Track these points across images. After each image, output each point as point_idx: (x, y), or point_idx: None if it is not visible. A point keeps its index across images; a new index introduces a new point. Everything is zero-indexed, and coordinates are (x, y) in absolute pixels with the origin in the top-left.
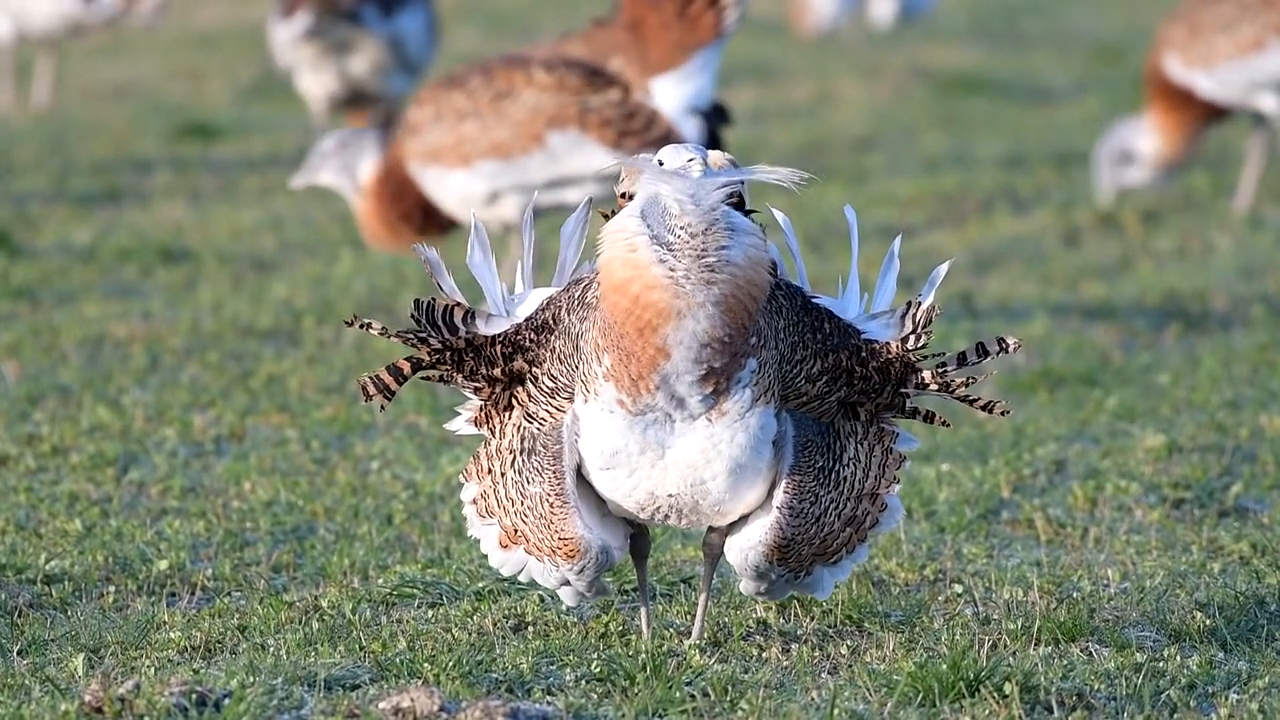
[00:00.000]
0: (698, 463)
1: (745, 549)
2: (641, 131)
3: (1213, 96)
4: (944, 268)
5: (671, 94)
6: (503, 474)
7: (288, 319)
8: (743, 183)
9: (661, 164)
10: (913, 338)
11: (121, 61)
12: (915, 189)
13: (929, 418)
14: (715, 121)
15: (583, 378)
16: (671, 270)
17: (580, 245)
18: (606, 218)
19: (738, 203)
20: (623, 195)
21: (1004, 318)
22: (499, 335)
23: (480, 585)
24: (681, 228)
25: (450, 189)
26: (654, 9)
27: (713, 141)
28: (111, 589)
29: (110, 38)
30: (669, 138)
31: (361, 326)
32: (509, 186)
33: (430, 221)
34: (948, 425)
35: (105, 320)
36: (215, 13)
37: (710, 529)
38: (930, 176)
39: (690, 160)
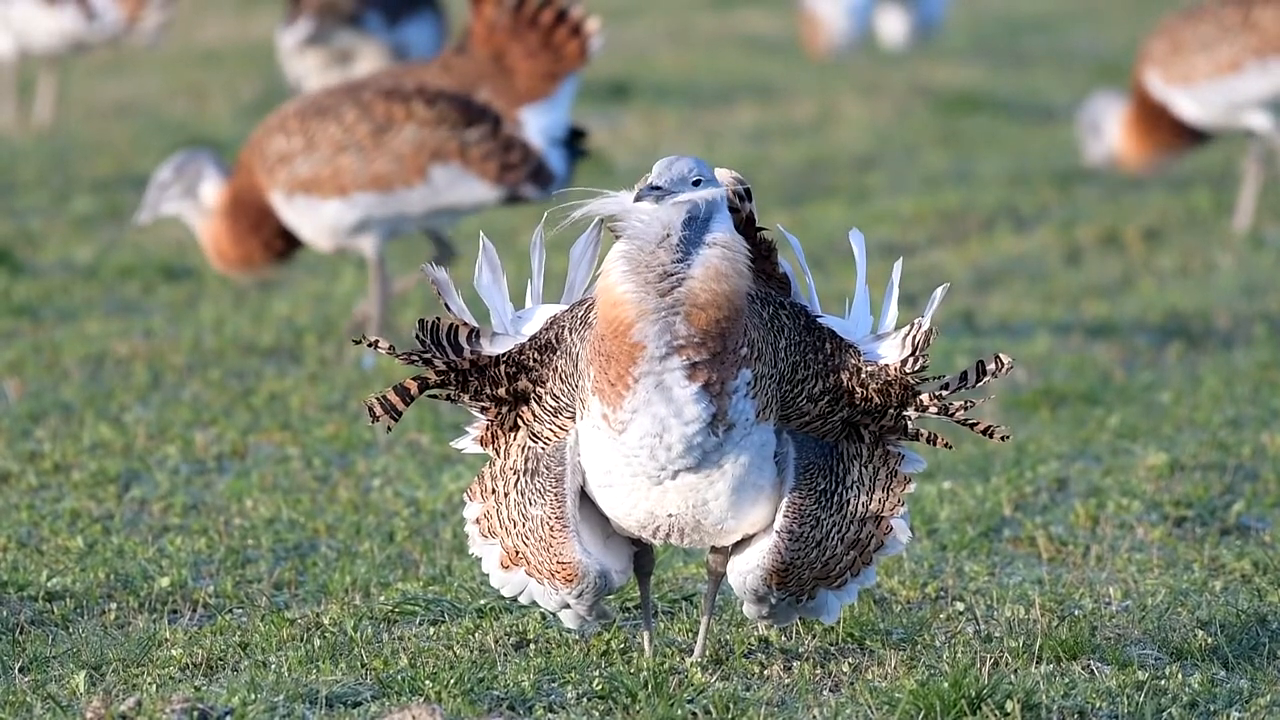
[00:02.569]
0: (700, 484)
1: (744, 573)
2: (519, 165)
3: (1192, 116)
4: (941, 291)
5: (539, 123)
6: (505, 494)
7: (289, 337)
8: (712, 200)
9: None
10: (911, 360)
11: (124, 79)
12: (917, 207)
13: (932, 440)
14: (575, 144)
15: (581, 395)
16: (637, 288)
17: (591, 265)
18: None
19: (747, 219)
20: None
21: (1006, 336)
22: (503, 355)
23: (482, 602)
24: (638, 249)
25: (320, 218)
26: (517, 39)
27: (574, 160)
28: (113, 606)
29: (112, 55)
30: (542, 170)
31: (370, 345)
32: (383, 218)
33: (286, 246)
34: (950, 447)
35: (107, 338)
36: (218, 30)
37: (713, 548)
38: (932, 195)
39: (644, 185)
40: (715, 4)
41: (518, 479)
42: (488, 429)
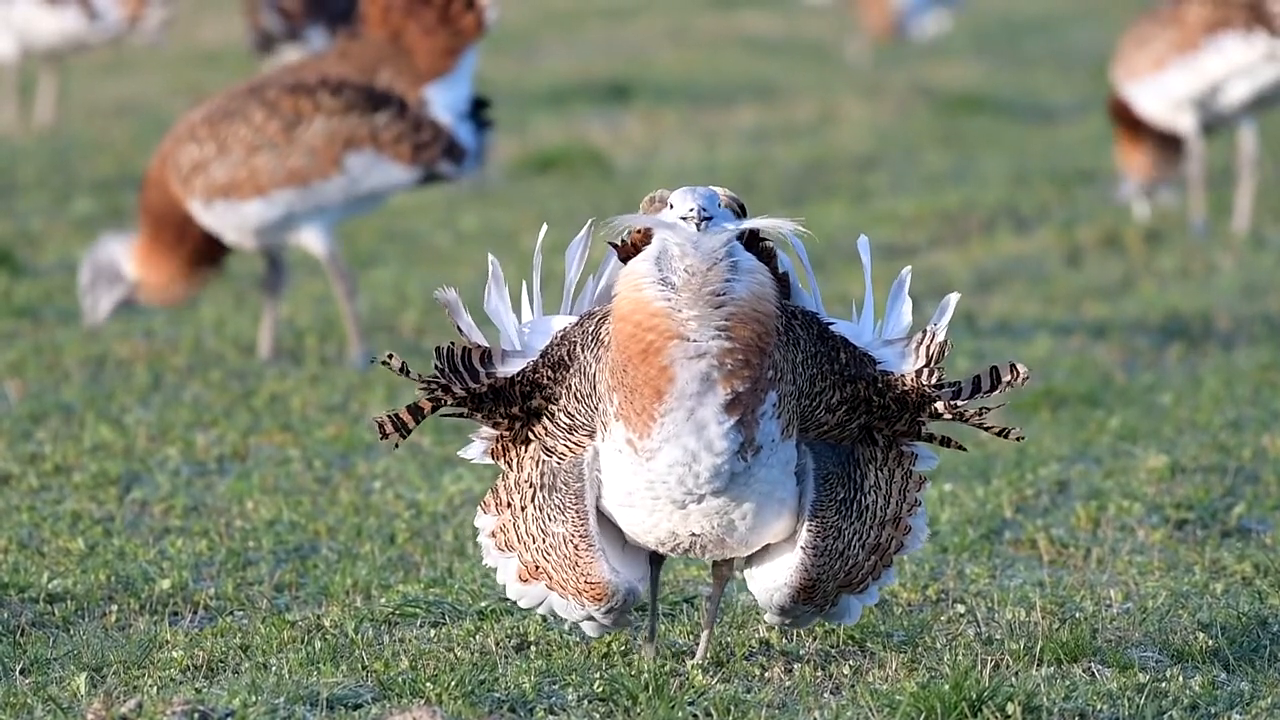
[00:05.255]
0: (726, 506)
1: (770, 590)
2: (432, 143)
3: (1146, 114)
4: (953, 300)
5: (444, 99)
6: (523, 508)
7: (290, 338)
8: (744, 230)
9: (673, 206)
10: (927, 371)
11: (124, 79)
12: (918, 208)
13: (945, 442)
14: (480, 115)
15: (601, 417)
16: (675, 306)
17: (582, 264)
18: (617, 248)
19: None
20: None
21: (1006, 337)
22: (517, 376)
23: (483, 605)
24: (685, 268)
25: (242, 219)
26: (413, 17)
27: (481, 130)
28: (114, 608)
29: (113, 55)
30: (454, 146)
31: (383, 364)
32: (305, 211)
33: (215, 253)
34: (965, 449)
35: (108, 339)
36: (218, 30)
37: None
38: (933, 195)
39: (690, 210)
40: (715, 4)
41: (534, 493)
42: (498, 441)
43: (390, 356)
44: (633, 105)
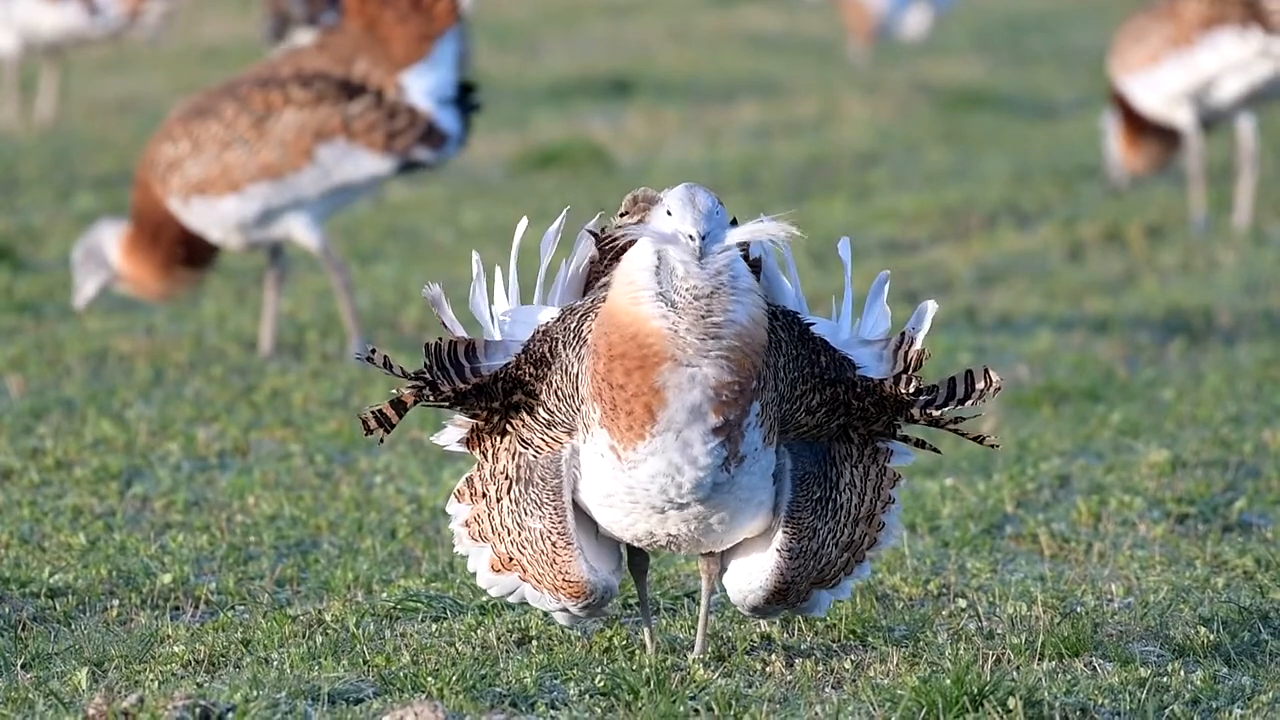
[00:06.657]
0: (705, 511)
1: (745, 591)
2: (406, 130)
3: (1142, 108)
4: (930, 308)
5: (423, 85)
6: (498, 500)
7: (291, 333)
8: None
9: (670, 213)
10: (905, 379)
11: (125, 76)
12: (919, 204)
13: (920, 444)
14: (467, 100)
15: (583, 418)
16: (673, 327)
17: (553, 252)
18: (595, 236)
19: (731, 221)
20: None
21: (1008, 333)
22: (500, 372)
23: (484, 599)
24: (687, 289)
25: (221, 216)
26: (387, 6)
27: (467, 115)
28: (115, 603)
29: (114, 52)
30: (432, 131)
31: (368, 358)
32: (282, 205)
33: (195, 253)
34: (939, 451)
35: (109, 334)
36: (219, 26)
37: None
38: (934, 192)
39: (694, 232)
40: (717, 1)
41: (510, 485)
42: (473, 431)
43: (373, 351)
44: (634, 101)
